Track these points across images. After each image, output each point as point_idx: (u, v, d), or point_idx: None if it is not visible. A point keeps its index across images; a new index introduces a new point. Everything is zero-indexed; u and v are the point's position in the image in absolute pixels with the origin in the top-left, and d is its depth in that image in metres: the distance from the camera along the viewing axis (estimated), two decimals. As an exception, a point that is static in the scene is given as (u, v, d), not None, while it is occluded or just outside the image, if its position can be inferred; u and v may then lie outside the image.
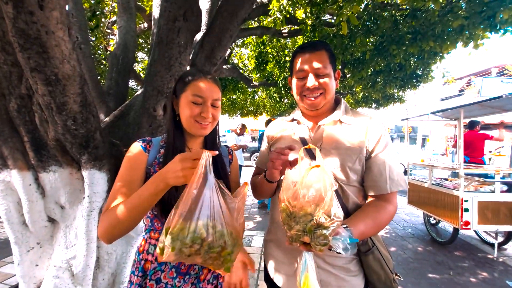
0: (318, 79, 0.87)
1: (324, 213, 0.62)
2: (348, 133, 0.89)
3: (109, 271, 1.66)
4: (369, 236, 0.83)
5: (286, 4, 2.40)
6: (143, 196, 0.66)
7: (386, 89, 4.23)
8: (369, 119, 0.91)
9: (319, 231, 0.61)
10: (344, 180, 0.86)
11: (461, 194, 3.00)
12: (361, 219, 0.79)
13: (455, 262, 3.07)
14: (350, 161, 0.85)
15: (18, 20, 0.95)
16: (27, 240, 1.47)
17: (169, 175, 0.63)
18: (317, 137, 0.91)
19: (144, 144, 0.84)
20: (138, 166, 0.80)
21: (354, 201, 0.88)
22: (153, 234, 0.84)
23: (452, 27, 2.59)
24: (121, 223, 0.67)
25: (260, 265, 2.81)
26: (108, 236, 0.69)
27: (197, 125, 0.82)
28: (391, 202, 0.85)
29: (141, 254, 0.84)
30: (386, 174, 0.84)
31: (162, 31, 1.50)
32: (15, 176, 1.39)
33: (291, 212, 0.67)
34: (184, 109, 0.81)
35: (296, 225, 0.64)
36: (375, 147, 0.86)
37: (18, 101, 1.29)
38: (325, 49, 0.88)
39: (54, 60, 1.08)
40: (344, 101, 0.98)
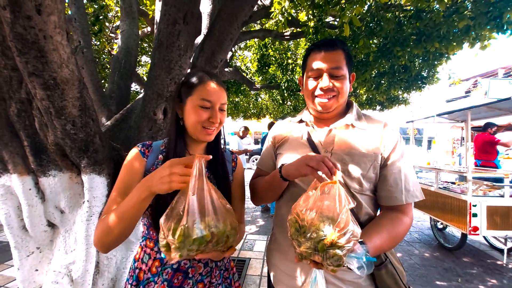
0: (333, 80, 0.81)
1: (339, 231, 0.56)
2: (361, 139, 0.84)
3: (108, 276, 1.64)
4: (385, 251, 0.78)
5: (288, 6, 2.39)
6: (129, 203, 0.63)
7: (391, 91, 4.16)
8: (384, 125, 0.86)
9: (333, 251, 0.55)
10: (357, 188, 0.80)
11: (469, 198, 2.92)
12: (376, 233, 0.73)
13: (463, 268, 2.98)
14: (364, 168, 0.80)
15: (16, 25, 0.95)
16: (27, 244, 1.47)
17: (154, 182, 0.60)
18: (328, 141, 0.86)
19: (143, 149, 0.81)
20: (135, 172, 0.77)
21: (367, 211, 0.82)
22: (149, 243, 0.81)
23: (457, 28, 2.54)
24: (112, 231, 0.65)
25: (262, 270, 2.77)
26: (102, 245, 0.67)
27: (204, 131, 0.79)
28: (407, 213, 0.81)
29: (136, 262, 0.82)
30: (402, 184, 0.79)
31: (162, 34, 1.49)
32: (15, 181, 1.39)
33: (301, 226, 0.61)
34: (190, 114, 0.78)
35: (307, 242, 0.58)
36: (391, 155, 0.82)
37: (18, 106, 1.29)
38: (343, 48, 0.83)
39: (52, 64, 1.07)
40: (356, 105, 0.93)
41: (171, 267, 0.78)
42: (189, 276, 0.79)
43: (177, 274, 0.78)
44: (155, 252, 0.79)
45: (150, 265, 0.78)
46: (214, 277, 0.84)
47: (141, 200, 0.61)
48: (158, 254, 0.79)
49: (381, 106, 7.36)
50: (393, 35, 2.75)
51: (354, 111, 0.89)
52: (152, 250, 0.80)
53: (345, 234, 0.55)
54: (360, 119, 0.89)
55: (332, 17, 3.57)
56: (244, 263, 2.90)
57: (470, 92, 16.77)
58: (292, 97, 6.03)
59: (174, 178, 0.57)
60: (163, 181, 0.58)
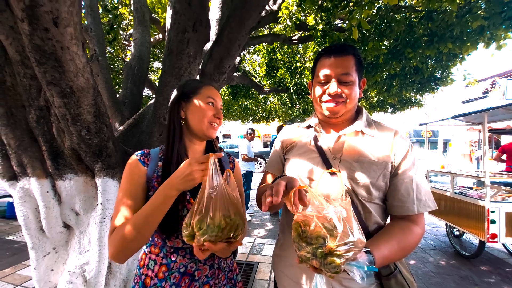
0: (341, 86, 0.81)
1: (339, 240, 0.55)
2: (371, 146, 0.82)
3: (120, 277, 1.69)
4: (393, 261, 0.75)
5: (296, 11, 2.40)
6: (151, 208, 0.67)
7: (402, 93, 4.08)
8: (395, 133, 0.85)
9: (330, 258, 0.55)
10: (365, 196, 0.79)
11: (487, 204, 2.80)
12: (385, 242, 0.71)
13: (480, 277, 2.85)
14: (374, 176, 0.78)
15: (34, 36, 1.01)
16: (43, 245, 1.53)
17: (179, 181, 0.66)
18: (337, 147, 0.84)
19: (142, 157, 0.82)
20: (138, 181, 0.78)
21: (376, 220, 0.80)
22: (153, 249, 0.82)
23: (471, 28, 2.47)
24: (133, 240, 0.67)
25: (271, 275, 2.75)
26: (121, 256, 0.69)
27: (210, 126, 0.83)
28: (418, 223, 0.78)
29: (142, 268, 0.82)
30: (413, 194, 0.77)
31: (172, 42, 1.54)
32: (34, 184, 1.46)
33: (303, 231, 0.61)
34: (198, 111, 0.82)
35: (307, 247, 0.58)
36: (402, 163, 0.80)
37: (37, 113, 1.36)
38: (353, 54, 0.81)
39: (69, 73, 1.13)
40: (365, 111, 0.91)
41: (178, 271, 0.79)
42: (196, 278, 0.80)
43: (184, 277, 0.79)
44: (161, 258, 0.80)
45: (156, 270, 0.79)
46: (218, 278, 0.85)
47: (167, 199, 0.68)
48: (164, 259, 0.80)
49: (393, 109, 7.20)
50: (404, 37, 2.71)
51: (364, 117, 0.88)
52: (158, 256, 0.81)
53: (346, 244, 0.54)
54: (370, 126, 0.87)
55: (340, 20, 3.55)
56: (252, 267, 2.89)
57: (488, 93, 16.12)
58: (301, 100, 6.01)
59: (196, 174, 0.66)
60: (188, 179, 0.66)
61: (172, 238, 0.79)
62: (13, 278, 2.64)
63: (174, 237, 0.79)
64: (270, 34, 3.85)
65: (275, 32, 4.13)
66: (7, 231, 4.06)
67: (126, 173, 0.79)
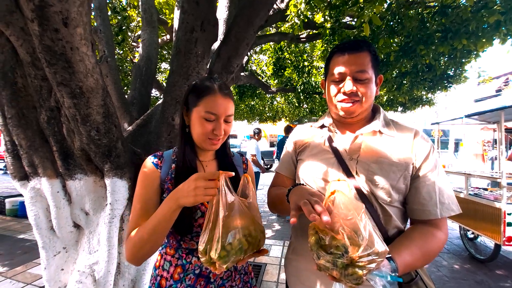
0: (357, 84, 0.77)
1: (363, 249, 0.51)
2: (390, 147, 0.78)
3: (129, 277, 1.69)
4: (415, 268, 0.72)
5: (304, 8, 2.36)
6: (158, 217, 0.66)
7: (413, 91, 3.97)
8: (415, 133, 0.80)
9: (352, 269, 0.52)
10: (385, 199, 0.75)
11: (503, 206, 2.69)
12: (406, 248, 0.68)
13: (496, 282, 2.74)
14: (394, 178, 0.75)
15: (44, 37, 1.01)
16: (54, 245, 1.55)
17: (180, 195, 0.63)
18: (354, 148, 0.81)
19: (155, 160, 0.82)
20: (151, 184, 0.78)
21: (396, 225, 0.77)
22: (169, 250, 0.82)
23: (487, 23, 2.38)
24: (145, 245, 0.68)
25: (278, 277, 2.72)
26: (136, 259, 0.70)
27: (209, 141, 0.79)
28: (441, 228, 0.74)
29: (157, 269, 0.83)
30: (436, 197, 0.74)
31: (180, 42, 1.53)
32: (45, 184, 1.47)
33: (321, 237, 0.58)
34: (195, 124, 0.78)
35: (326, 256, 0.55)
36: (423, 165, 0.76)
37: (48, 113, 1.37)
38: (369, 50, 0.78)
39: (78, 74, 1.13)
40: (383, 110, 0.87)
41: (193, 273, 0.78)
42: (211, 281, 0.79)
43: (199, 279, 0.78)
44: (176, 259, 0.80)
45: (172, 272, 0.79)
46: (234, 281, 0.84)
47: (171, 211, 0.65)
48: (179, 260, 0.79)
49: (403, 107, 7.05)
50: (416, 33, 2.63)
51: (382, 116, 0.84)
52: (173, 257, 0.81)
53: (369, 255, 0.51)
54: (388, 125, 0.83)
55: (349, 17, 3.49)
56: (260, 268, 2.87)
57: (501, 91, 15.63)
58: (308, 99, 5.95)
59: (199, 191, 0.61)
60: (189, 195, 0.62)
61: (187, 240, 0.79)
62: (24, 277, 2.69)
63: (189, 239, 0.78)
64: (278, 33, 3.82)
65: (282, 31, 4.10)
66: (19, 230, 4.16)
67: (140, 178, 0.80)
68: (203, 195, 0.61)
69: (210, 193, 0.62)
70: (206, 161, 0.88)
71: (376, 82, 0.81)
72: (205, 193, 0.61)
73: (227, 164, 0.89)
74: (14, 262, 3.00)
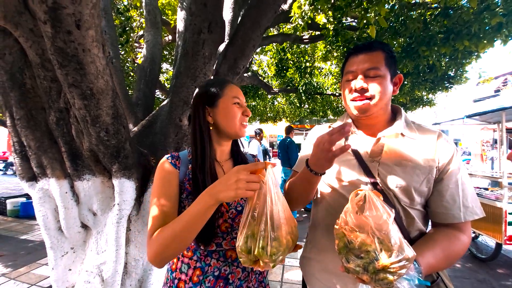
0: (368, 81, 0.77)
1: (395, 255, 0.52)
2: (414, 149, 0.77)
3: (136, 277, 1.70)
4: (438, 270, 0.72)
5: (308, 10, 2.37)
6: (191, 214, 0.63)
7: (414, 92, 4.00)
8: (438, 136, 0.80)
9: (383, 275, 0.52)
10: (407, 202, 0.75)
11: (504, 205, 2.72)
12: (429, 250, 0.68)
13: (498, 280, 2.77)
14: (417, 181, 0.74)
15: (57, 39, 1.02)
16: (62, 245, 1.55)
17: (219, 189, 0.59)
18: (376, 150, 0.80)
19: (173, 160, 0.82)
20: (171, 183, 0.78)
21: (419, 227, 0.77)
22: (186, 253, 0.81)
23: (489, 25, 2.40)
24: (172, 245, 0.64)
25: (282, 277, 2.73)
26: (160, 260, 0.66)
27: (242, 126, 0.82)
28: (465, 231, 0.74)
29: (174, 272, 0.81)
30: (459, 201, 0.73)
31: (187, 43, 1.54)
32: (53, 184, 1.48)
33: (349, 241, 0.58)
34: (226, 115, 0.80)
35: (357, 260, 0.55)
36: (447, 168, 0.75)
37: (57, 115, 1.38)
38: (382, 49, 0.78)
39: (89, 76, 1.14)
40: (404, 112, 0.86)
41: (213, 275, 0.78)
42: (230, 282, 0.79)
43: (219, 281, 0.78)
44: (194, 261, 0.79)
45: (190, 274, 0.78)
46: (251, 281, 0.84)
47: (207, 207, 0.61)
48: (198, 263, 0.79)
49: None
50: (418, 35, 2.65)
51: (403, 118, 0.83)
52: (191, 259, 0.80)
53: (400, 261, 0.52)
54: (410, 127, 0.82)
55: (352, 18, 3.51)
56: (264, 268, 2.88)
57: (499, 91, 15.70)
58: (310, 100, 5.97)
59: (241, 185, 0.57)
60: (230, 188, 0.57)
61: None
62: (28, 277, 2.69)
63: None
64: (280, 34, 3.84)
65: (285, 32, 4.11)
66: (21, 231, 4.15)
67: (159, 176, 0.79)
68: (245, 188, 0.57)
69: (252, 187, 0.58)
70: (223, 161, 0.89)
71: (393, 81, 0.81)
72: (248, 187, 0.57)
73: (243, 164, 0.89)
74: (17, 263, 2.99)
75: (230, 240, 0.79)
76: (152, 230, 0.70)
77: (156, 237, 0.67)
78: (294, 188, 0.87)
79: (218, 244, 0.78)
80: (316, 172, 0.73)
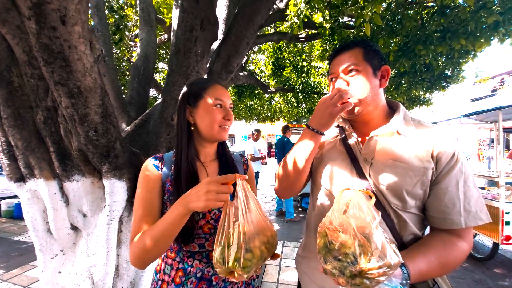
0: (348, 78, 0.75)
1: (375, 261, 0.48)
2: (408, 149, 0.72)
3: (127, 279, 1.67)
4: (431, 278, 0.68)
5: (304, 8, 2.35)
6: (166, 222, 0.64)
7: (411, 91, 3.98)
8: (437, 132, 0.74)
9: (359, 280, 0.49)
10: (399, 205, 0.70)
11: (501, 205, 2.71)
12: (422, 255, 0.64)
13: (494, 280, 2.76)
14: (409, 183, 0.69)
15: (42, 35, 0.99)
16: (51, 247, 1.52)
17: (190, 199, 0.61)
18: (368, 150, 0.76)
19: (156, 162, 0.81)
20: (153, 186, 0.77)
21: (412, 231, 0.71)
22: (170, 254, 0.81)
23: (486, 24, 2.39)
24: (152, 249, 0.66)
25: (278, 277, 2.71)
26: (141, 264, 0.69)
27: (221, 130, 0.80)
28: (465, 238, 0.68)
29: (158, 274, 0.81)
30: (460, 204, 0.67)
31: (179, 41, 1.51)
32: (41, 185, 1.44)
33: (330, 241, 0.55)
34: (205, 116, 0.78)
35: (334, 262, 0.52)
36: (445, 169, 0.69)
37: (44, 113, 1.35)
38: (359, 45, 0.76)
39: (76, 73, 1.11)
40: (403, 108, 0.81)
41: (195, 276, 0.77)
42: (213, 283, 0.78)
43: (201, 282, 0.77)
44: (177, 262, 0.78)
45: (173, 275, 0.77)
46: (236, 284, 0.82)
47: (180, 216, 0.63)
48: (181, 264, 0.78)
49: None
50: (415, 33, 2.63)
51: (401, 115, 0.78)
52: (174, 260, 0.79)
53: (380, 267, 0.48)
54: (408, 124, 0.77)
55: (348, 17, 3.49)
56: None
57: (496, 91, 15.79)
58: (307, 99, 5.95)
59: (210, 196, 0.58)
60: (200, 199, 0.59)
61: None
62: (20, 279, 2.64)
63: (190, 241, 0.77)
64: (276, 32, 3.81)
65: (281, 31, 4.08)
66: (14, 232, 4.10)
67: (141, 180, 0.78)
68: (215, 200, 0.58)
69: (222, 198, 0.59)
70: (207, 161, 0.87)
71: (378, 74, 0.77)
72: (217, 198, 0.58)
73: (229, 164, 0.88)
74: (10, 265, 2.95)
75: (213, 241, 0.78)
76: (133, 234, 0.70)
77: (136, 242, 0.68)
78: (288, 163, 0.81)
79: (201, 245, 0.77)
80: (317, 130, 0.74)
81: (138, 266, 0.69)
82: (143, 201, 0.74)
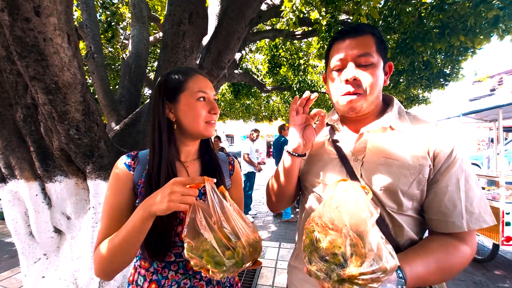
0: (360, 69, 0.65)
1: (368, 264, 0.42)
2: (402, 145, 0.66)
3: (115, 284, 1.60)
4: (430, 284, 0.61)
5: (299, 3, 2.29)
6: (128, 228, 0.58)
7: (410, 89, 3.93)
8: (435, 128, 0.67)
9: (348, 285, 0.43)
10: (394, 207, 0.64)
11: (502, 205, 2.66)
12: (420, 259, 0.58)
13: (495, 282, 2.71)
14: (405, 183, 0.63)
15: (15, 27, 0.93)
16: (33, 251, 1.46)
17: (152, 201, 0.55)
18: (359, 148, 0.69)
19: (128, 161, 0.73)
20: (122, 188, 0.70)
21: (409, 236, 0.65)
22: (143, 263, 0.73)
23: (485, 19, 2.34)
24: (114, 260, 0.60)
25: (274, 280, 2.65)
26: (105, 274, 0.62)
27: (207, 125, 0.72)
28: (467, 242, 0.62)
29: (131, 285, 0.74)
30: (461, 205, 0.61)
31: (167, 35, 1.45)
32: (22, 186, 1.38)
33: (317, 239, 0.48)
34: (188, 112, 0.70)
35: (320, 262, 0.46)
36: (444, 165, 0.63)
37: (24, 111, 1.29)
38: (372, 32, 0.67)
39: (53, 68, 1.05)
40: (397, 101, 0.74)
41: None
42: None
43: None
44: (151, 273, 0.71)
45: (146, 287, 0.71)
46: None
47: (142, 221, 0.56)
48: (155, 275, 0.71)
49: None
50: (413, 30, 2.57)
51: (395, 109, 0.71)
52: (147, 271, 0.72)
53: (373, 272, 0.41)
54: (402, 119, 0.70)
55: (345, 13, 3.44)
56: (254, 272, 2.80)
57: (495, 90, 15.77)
58: (304, 98, 5.88)
59: (174, 197, 0.53)
60: (162, 201, 0.54)
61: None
62: (10, 282, 2.58)
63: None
64: (272, 29, 3.75)
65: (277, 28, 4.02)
66: (6, 233, 4.03)
67: (110, 181, 0.71)
68: (179, 201, 0.53)
69: (186, 201, 0.54)
70: (188, 161, 0.79)
71: (384, 70, 0.70)
72: (182, 200, 0.53)
73: (212, 164, 0.80)
74: (0, 267, 2.88)
75: None
76: (97, 243, 0.64)
77: (99, 251, 0.61)
78: (276, 179, 0.79)
79: (177, 255, 0.70)
80: (293, 153, 0.70)
81: (103, 277, 0.62)
82: (109, 205, 0.68)
